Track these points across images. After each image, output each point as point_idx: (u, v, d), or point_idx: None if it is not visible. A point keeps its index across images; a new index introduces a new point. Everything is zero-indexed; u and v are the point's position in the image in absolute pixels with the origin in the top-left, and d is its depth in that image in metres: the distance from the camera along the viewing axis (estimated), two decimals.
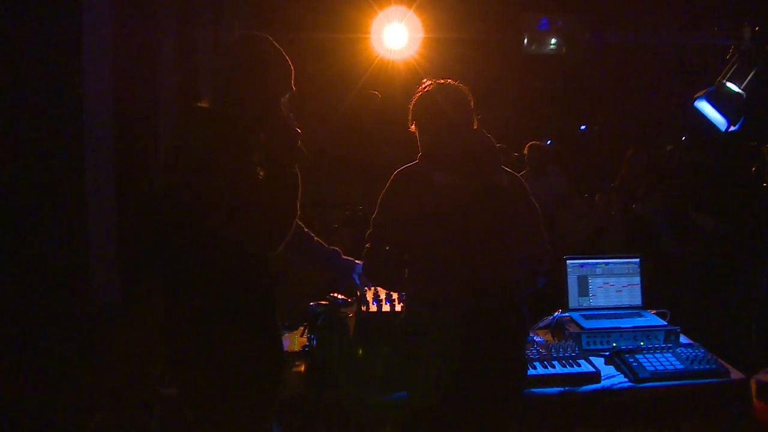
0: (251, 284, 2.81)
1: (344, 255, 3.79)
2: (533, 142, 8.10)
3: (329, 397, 3.34)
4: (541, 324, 4.12)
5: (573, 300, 4.13)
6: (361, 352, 3.49)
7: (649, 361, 3.60)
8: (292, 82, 2.90)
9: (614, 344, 3.82)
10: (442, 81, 3.22)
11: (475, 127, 3.19)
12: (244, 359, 2.76)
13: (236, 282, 2.75)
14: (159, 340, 2.85)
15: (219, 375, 2.75)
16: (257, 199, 2.67)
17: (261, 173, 2.76)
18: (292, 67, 2.89)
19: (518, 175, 3.29)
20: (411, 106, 3.24)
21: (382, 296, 3.78)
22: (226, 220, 2.63)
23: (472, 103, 3.20)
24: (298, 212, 2.79)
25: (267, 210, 2.67)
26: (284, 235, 2.75)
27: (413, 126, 3.25)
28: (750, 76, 3.93)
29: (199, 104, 2.88)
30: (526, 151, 7.97)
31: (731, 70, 3.97)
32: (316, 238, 3.68)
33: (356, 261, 3.71)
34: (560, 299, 4.14)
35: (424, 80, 3.26)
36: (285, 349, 3.62)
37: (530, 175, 7.67)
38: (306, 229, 3.61)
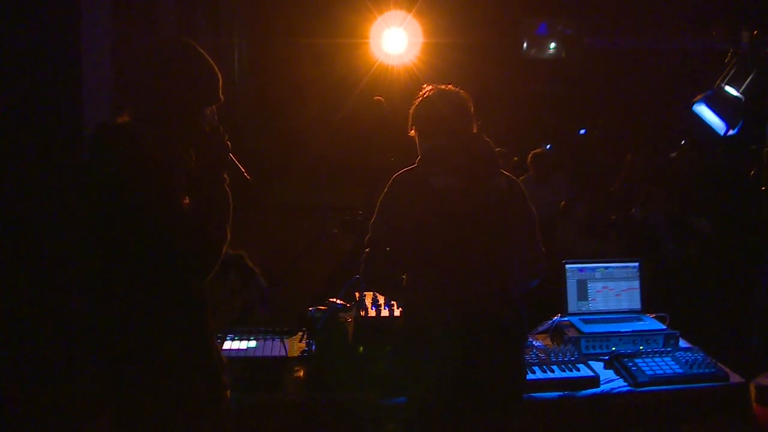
0: (180, 313, 2.61)
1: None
2: (536, 150, 8.11)
3: (328, 401, 3.33)
4: (540, 328, 4.12)
5: (572, 304, 4.13)
6: (360, 356, 3.49)
7: (648, 365, 3.60)
8: (220, 91, 2.67)
9: (613, 348, 3.82)
10: (443, 86, 3.22)
11: (474, 132, 3.19)
12: (178, 392, 2.61)
13: (165, 311, 2.56)
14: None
15: (155, 411, 2.60)
16: (181, 230, 2.48)
17: (186, 200, 2.54)
18: (218, 75, 2.67)
19: (518, 180, 3.29)
20: (411, 112, 3.24)
21: (381, 301, 3.78)
22: (146, 252, 2.45)
23: (472, 109, 3.19)
24: (228, 237, 2.62)
25: (192, 241, 2.50)
26: (213, 264, 2.57)
27: (413, 131, 3.24)
28: (749, 79, 3.93)
29: (117, 120, 2.62)
30: (529, 160, 7.98)
31: (730, 74, 3.98)
32: None
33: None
34: (559, 304, 4.14)
35: (425, 85, 3.26)
36: (284, 355, 3.64)
37: (534, 181, 7.68)
38: None
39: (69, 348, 4.33)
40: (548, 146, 12.14)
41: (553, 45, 11.29)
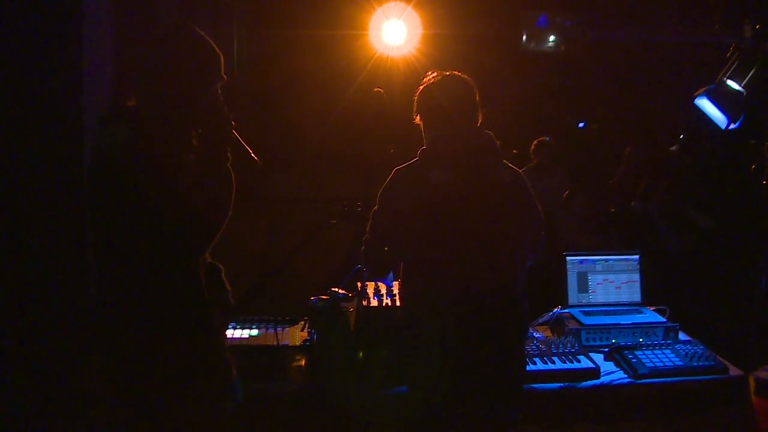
0: (182, 288, 2.66)
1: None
2: (542, 138, 8.10)
3: (329, 391, 3.34)
4: (540, 320, 4.13)
5: (572, 296, 4.15)
6: (361, 346, 3.50)
7: (648, 358, 3.62)
8: (222, 70, 2.74)
9: (613, 340, 3.83)
10: (447, 73, 3.20)
11: (479, 121, 3.18)
12: (178, 367, 2.65)
13: (167, 286, 2.62)
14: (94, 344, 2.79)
15: (155, 380, 2.65)
16: (186, 199, 2.56)
17: (185, 179, 2.61)
18: (220, 55, 2.74)
19: (520, 170, 3.28)
20: (415, 99, 3.24)
21: (383, 291, 3.79)
22: (151, 219, 2.53)
23: (477, 97, 3.18)
24: (230, 213, 2.70)
25: (196, 209, 2.58)
26: (214, 233, 2.66)
27: (417, 118, 3.24)
28: (750, 74, 3.93)
29: (127, 102, 2.72)
30: (533, 147, 7.97)
31: (732, 68, 3.98)
32: None
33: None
34: (560, 295, 4.15)
35: (429, 72, 3.24)
36: (286, 344, 3.64)
37: (535, 170, 7.67)
38: None
39: (62, 344, 4.33)
40: (547, 139, 12.13)
41: (552, 38, 11.26)
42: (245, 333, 3.72)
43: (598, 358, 3.69)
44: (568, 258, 4.16)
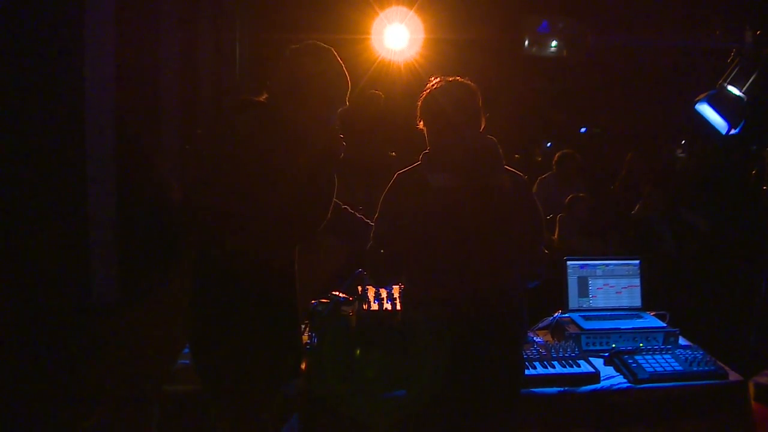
0: (275, 276, 2.85)
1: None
2: (566, 150, 7.95)
3: (329, 394, 3.35)
4: (541, 324, 4.14)
5: (573, 301, 4.15)
6: (361, 350, 3.50)
7: (648, 363, 3.62)
8: (347, 98, 3.01)
9: (614, 345, 3.84)
10: (450, 79, 3.21)
11: (482, 126, 3.19)
12: (263, 349, 2.83)
13: (260, 273, 2.80)
14: (184, 318, 2.94)
15: (239, 362, 2.81)
16: (294, 195, 2.75)
17: (302, 173, 2.82)
18: (349, 84, 3.00)
19: (523, 176, 3.28)
20: (418, 105, 3.25)
21: (383, 295, 3.80)
22: (259, 209, 2.71)
23: (479, 102, 3.18)
24: (328, 216, 2.88)
25: (301, 207, 2.77)
26: (311, 232, 2.86)
27: (421, 123, 3.25)
28: (751, 79, 3.94)
29: (257, 98, 2.95)
30: (557, 158, 7.84)
31: (732, 74, 3.99)
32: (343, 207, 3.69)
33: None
34: (560, 300, 4.15)
35: (432, 78, 3.25)
36: None
37: (558, 182, 7.54)
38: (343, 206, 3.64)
39: (64, 344, 4.33)
40: (548, 144, 12.13)
41: (554, 43, 11.24)
42: None
43: (598, 362, 3.69)
44: (568, 262, 4.16)
